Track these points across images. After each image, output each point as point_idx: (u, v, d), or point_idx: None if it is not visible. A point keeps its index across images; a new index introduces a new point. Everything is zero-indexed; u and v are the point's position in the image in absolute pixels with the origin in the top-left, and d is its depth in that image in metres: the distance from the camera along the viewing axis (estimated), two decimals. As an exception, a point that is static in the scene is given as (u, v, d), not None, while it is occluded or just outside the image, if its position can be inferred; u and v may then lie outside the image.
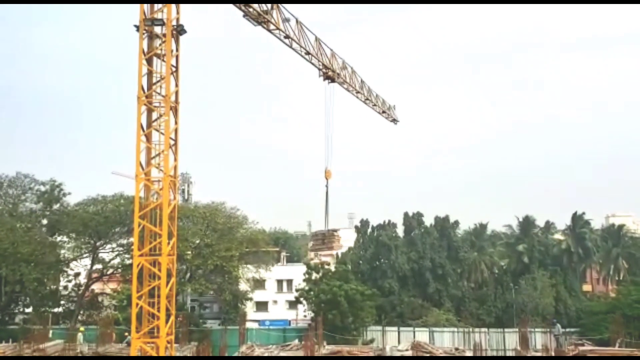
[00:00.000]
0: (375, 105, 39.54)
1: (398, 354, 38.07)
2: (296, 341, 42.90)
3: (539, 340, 42.94)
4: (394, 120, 42.81)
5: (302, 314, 57.14)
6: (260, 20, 26.44)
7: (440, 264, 65.21)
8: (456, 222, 70.94)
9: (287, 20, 28.14)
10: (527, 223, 71.49)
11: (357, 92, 36.85)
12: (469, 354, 38.92)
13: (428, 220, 69.64)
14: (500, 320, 59.75)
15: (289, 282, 67.67)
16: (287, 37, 28.40)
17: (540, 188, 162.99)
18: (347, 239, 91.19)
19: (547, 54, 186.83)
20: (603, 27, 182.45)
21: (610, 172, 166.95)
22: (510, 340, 46.85)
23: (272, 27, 27.19)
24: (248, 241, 51.08)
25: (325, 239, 32.14)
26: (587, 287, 74.09)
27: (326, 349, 38.95)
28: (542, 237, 71.83)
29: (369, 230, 69.97)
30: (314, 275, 51.48)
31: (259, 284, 60.24)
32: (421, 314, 57.30)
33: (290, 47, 29.23)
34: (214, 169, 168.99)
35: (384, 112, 40.93)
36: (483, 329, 49.01)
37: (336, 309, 46.29)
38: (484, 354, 38.53)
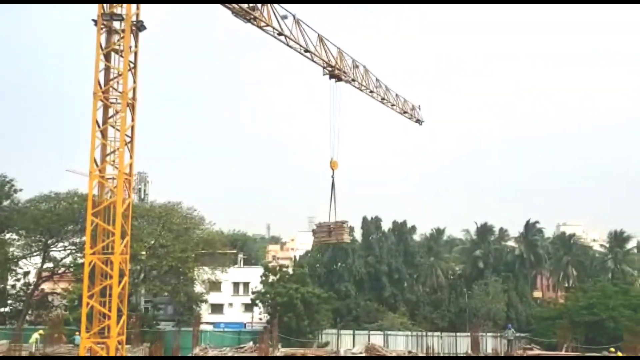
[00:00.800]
0: (394, 105, 38.41)
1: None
2: (250, 343, 42.70)
3: (490, 344, 43.86)
4: (418, 121, 41.52)
5: (258, 317, 56.87)
6: (248, 17, 25.88)
7: (396, 269, 65.93)
8: (413, 227, 72.02)
9: (284, 17, 27.65)
10: (484, 229, 72.96)
11: (371, 92, 35.82)
12: (422, 357, 39.48)
13: (386, 225, 70.38)
14: (453, 325, 60.73)
15: (246, 284, 67.19)
16: (280, 34, 27.78)
17: (498, 196, 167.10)
18: (305, 242, 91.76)
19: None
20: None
21: (564, 182, 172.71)
22: (462, 344, 47.72)
23: (262, 24, 26.62)
24: (204, 242, 50.56)
25: (333, 230, 31.37)
26: (537, 293, 76.01)
27: (280, 352, 38.90)
28: (497, 244, 73.44)
29: (327, 233, 69.99)
30: (271, 278, 51.29)
31: (214, 286, 59.66)
32: (377, 318, 57.79)
33: (287, 44, 28.61)
34: (173, 168, 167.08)
35: (405, 112, 39.70)
36: (436, 333, 49.86)
37: (292, 311, 46.25)
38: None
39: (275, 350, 38.96)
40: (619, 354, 38.38)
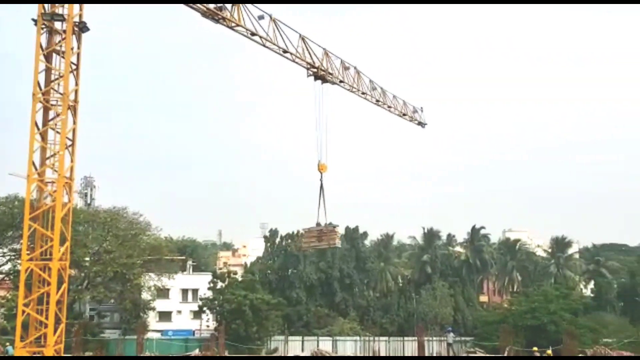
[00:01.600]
0: (391, 107, 37.44)
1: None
2: (197, 351, 42.13)
3: (436, 348, 44.61)
4: (421, 124, 40.60)
5: (206, 324, 56.15)
6: (217, 18, 25.38)
7: (348, 274, 66.35)
8: (365, 233, 72.74)
9: (260, 17, 27.04)
10: (431, 235, 74.24)
11: (364, 94, 34.99)
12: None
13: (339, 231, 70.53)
14: (402, 329, 61.52)
15: (195, 291, 66.24)
16: (254, 34, 27.16)
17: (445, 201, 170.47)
18: (257, 249, 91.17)
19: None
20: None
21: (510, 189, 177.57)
22: (409, 348, 48.36)
23: (232, 24, 26.09)
24: (151, 248, 49.65)
25: (324, 235, 30.61)
26: (483, 298, 77.83)
27: (227, 359, 38.52)
28: (444, 249, 74.89)
29: (278, 239, 70.00)
30: (220, 285, 50.80)
31: (162, 293, 58.57)
32: (327, 323, 57.97)
33: (263, 45, 27.94)
34: (124, 172, 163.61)
35: (404, 114, 38.75)
36: (384, 338, 50.34)
37: (240, 318, 45.90)
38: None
39: (222, 358, 38.55)
40: (548, 352, 39.49)
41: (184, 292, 68.77)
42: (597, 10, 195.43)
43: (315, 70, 31.17)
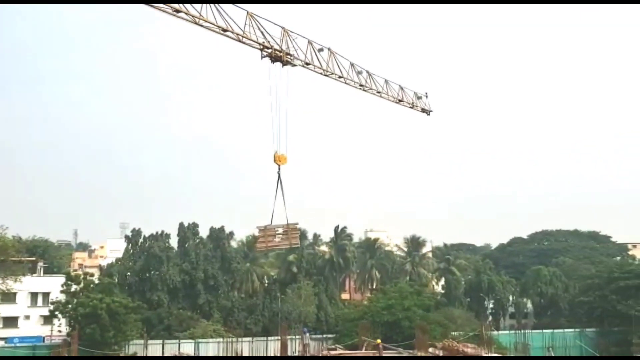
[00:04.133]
0: (380, 92, 34.24)
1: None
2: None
3: (298, 346, 45.41)
4: (425, 111, 37.62)
5: (58, 330, 52.49)
6: None
7: (212, 275, 65.48)
8: (231, 233, 72.17)
9: None
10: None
11: (340, 77, 31.82)
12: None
13: (204, 232, 69.60)
14: (267, 329, 61.88)
15: (46, 294, 61.75)
16: (178, 11, 24.84)
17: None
18: (115, 250, 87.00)
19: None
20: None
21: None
22: (272, 348, 48.77)
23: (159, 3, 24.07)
24: (-5, 249, 45.45)
25: (284, 234, 28.71)
26: (345, 295, 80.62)
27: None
28: (311, 249, 76.50)
29: (141, 240, 67.33)
30: (74, 287, 47.84)
31: (8, 297, 53.96)
32: (189, 326, 56.63)
33: (197, 24, 25.48)
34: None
35: (400, 101, 35.58)
36: (247, 338, 50.30)
37: (96, 322, 43.48)
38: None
39: (75, 365, 36.30)
40: (378, 341, 41.77)
41: (34, 295, 64.07)
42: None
43: (270, 51, 28.53)
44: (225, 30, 26.86)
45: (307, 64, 30.65)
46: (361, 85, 33.70)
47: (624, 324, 55.60)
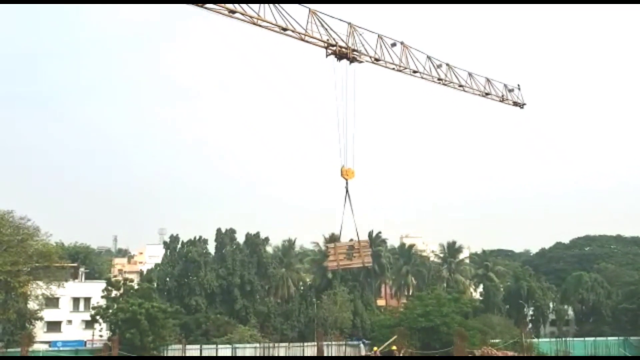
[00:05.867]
0: (463, 86, 32.61)
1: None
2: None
3: (334, 352, 45.30)
4: (517, 104, 35.83)
5: (99, 334, 53.64)
6: None
7: (249, 281, 65.93)
8: (267, 239, 72.60)
9: None
10: (332, 240, 75.24)
11: (415, 72, 30.21)
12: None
13: (240, 237, 70.28)
14: (302, 335, 61.93)
15: (87, 300, 63.29)
16: (233, 12, 23.99)
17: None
18: (154, 256, 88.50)
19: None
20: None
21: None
22: (308, 354, 48.74)
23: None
24: (39, 255, 46.57)
25: (356, 251, 27.11)
26: (381, 302, 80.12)
27: (121, 370, 36.98)
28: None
29: (179, 246, 68.37)
30: (114, 293, 48.77)
31: (51, 302, 55.33)
32: (226, 331, 57.12)
33: (256, 24, 24.62)
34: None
35: (487, 94, 34.01)
36: (284, 344, 50.44)
37: (135, 327, 44.17)
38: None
39: (115, 369, 36.97)
40: (393, 348, 41.24)
41: (76, 300, 65.57)
42: None
43: (334, 48, 27.05)
44: (285, 29, 25.84)
45: (377, 59, 29.20)
46: (440, 79, 32.09)
47: (670, 332, 53.84)
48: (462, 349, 41.28)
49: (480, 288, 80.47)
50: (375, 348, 41.83)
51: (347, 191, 27.95)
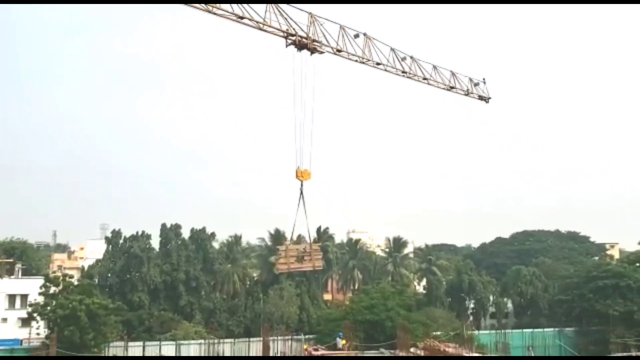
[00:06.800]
0: (427, 79, 31.73)
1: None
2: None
3: (280, 347, 45.36)
4: (482, 98, 35.09)
5: (36, 332, 51.78)
6: None
7: (194, 276, 65.03)
8: (213, 234, 71.75)
9: None
10: (277, 236, 75.30)
11: (379, 64, 29.23)
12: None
13: (186, 233, 69.15)
14: (249, 330, 61.60)
15: (24, 297, 60.90)
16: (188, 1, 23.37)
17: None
18: (95, 251, 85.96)
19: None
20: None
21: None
22: (255, 349, 48.64)
23: None
24: (-29, 251, 44.71)
25: (307, 254, 26.97)
26: (327, 296, 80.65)
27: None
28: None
29: (121, 241, 66.68)
30: (53, 289, 47.19)
31: (-16, 299, 53.06)
32: (170, 328, 56.25)
33: (210, 12, 23.87)
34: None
35: (452, 88, 33.16)
36: (229, 340, 50.13)
37: (75, 324, 42.96)
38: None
39: (53, 368, 35.80)
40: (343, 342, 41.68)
41: (11, 297, 63.10)
42: None
43: (294, 38, 26.27)
44: (242, 18, 25.29)
45: (339, 50, 28.61)
46: (404, 71, 31.54)
47: (602, 323, 56.37)
48: (406, 341, 42.05)
49: (424, 282, 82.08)
50: (343, 341, 42.09)
51: (301, 193, 27.70)
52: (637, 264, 66.75)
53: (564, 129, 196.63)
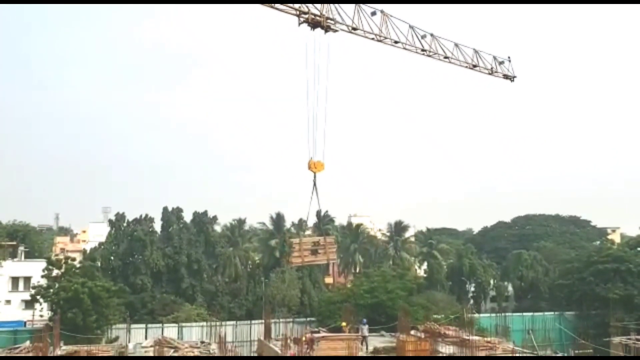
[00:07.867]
0: (449, 58, 30.49)
1: (142, 350, 37.17)
2: (27, 343, 39.09)
3: (282, 329, 45.67)
4: (507, 77, 34.11)
5: (39, 314, 52.27)
6: None
7: (196, 259, 65.43)
8: (214, 218, 72.17)
9: None
10: (279, 219, 75.64)
11: (396, 43, 28.09)
12: (214, 346, 39.79)
13: (188, 216, 69.51)
14: (250, 313, 62.08)
15: (27, 279, 61.36)
16: None
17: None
18: (98, 234, 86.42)
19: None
20: None
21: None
22: (256, 331, 49.02)
23: None
24: (-26, 233, 44.96)
25: (320, 247, 26.76)
26: (329, 279, 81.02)
27: (62, 350, 36.28)
28: (294, 233, 76.58)
29: (124, 224, 67.01)
30: (55, 272, 47.55)
31: (-12, 282, 53.48)
32: (173, 310, 56.71)
33: None
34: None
35: (474, 66, 32.00)
36: (231, 322, 50.52)
37: (77, 307, 43.29)
38: (228, 346, 39.56)
39: (57, 349, 36.19)
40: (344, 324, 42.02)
41: (15, 280, 63.74)
42: None
43: (307, 16, 25.40)
44: None
45: (355, 29, 27.46)
46: (424, 50, 30.19)
47: (602, 307, 56.50)
48: (406, 324, 42.29)
49: (425, 265, 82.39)
50: (344, 323, 42.33)
51: (314, 184, 27.38)
52: (638, 249, 66.87)
53: (576, 110, 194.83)
